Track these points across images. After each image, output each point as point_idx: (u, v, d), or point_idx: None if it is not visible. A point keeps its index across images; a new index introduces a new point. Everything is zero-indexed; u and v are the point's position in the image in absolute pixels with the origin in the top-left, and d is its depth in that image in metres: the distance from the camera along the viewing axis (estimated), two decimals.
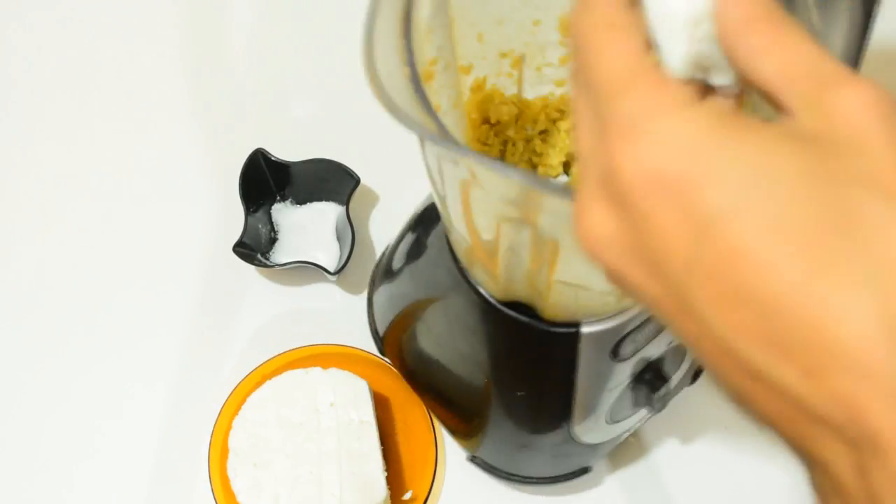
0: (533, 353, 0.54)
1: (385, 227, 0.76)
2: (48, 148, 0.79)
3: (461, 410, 0.64)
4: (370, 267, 0.74)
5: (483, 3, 0.47)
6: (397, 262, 0.66)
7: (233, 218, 0.73)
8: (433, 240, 0.57)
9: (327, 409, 0.64)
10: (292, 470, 0.62)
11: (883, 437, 0.22)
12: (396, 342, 0.68)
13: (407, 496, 0.66)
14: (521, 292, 0.50)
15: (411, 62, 0.36)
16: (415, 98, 0.36)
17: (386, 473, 0.63)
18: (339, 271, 0.69)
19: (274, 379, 0.66)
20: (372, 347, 0.70)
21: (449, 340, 0.60)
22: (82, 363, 0.71)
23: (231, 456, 0.63)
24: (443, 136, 0.35)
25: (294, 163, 0.73)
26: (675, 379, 0.58)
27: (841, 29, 0.33)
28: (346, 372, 0.66)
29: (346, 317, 0.73)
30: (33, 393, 0.70)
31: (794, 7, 0.35)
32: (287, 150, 0.73)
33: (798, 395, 0.24)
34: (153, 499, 0.67)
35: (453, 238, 0.52)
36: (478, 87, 0.52)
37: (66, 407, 0.70)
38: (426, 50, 0.43)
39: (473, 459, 0.66)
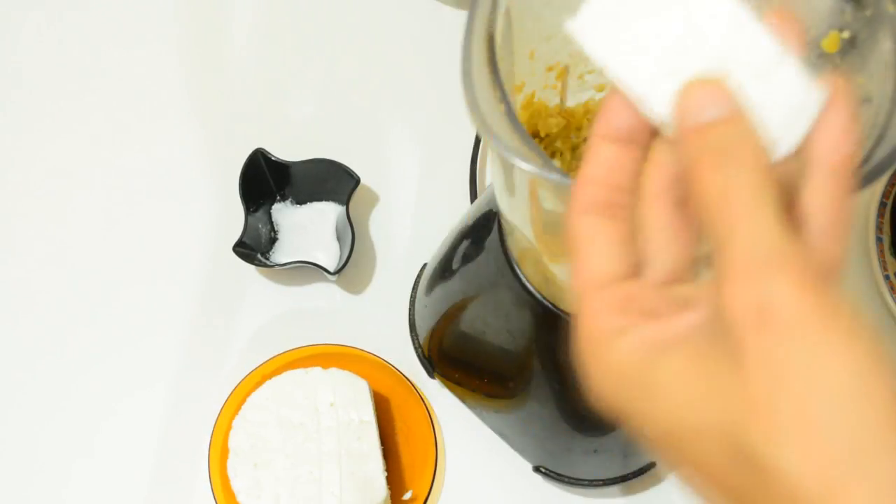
0: None
1: (385, 227, 0.76)
2: (48, 148, 0.79)
3: (525, 424, 0.64)
4: (370, 267, 0.74)
5: (536, 21, 0.47)
6: (444, 279, 0.64)
7: (233, 218, 0.73)
8: (490, 256, 0.56)
9: (327, 409, 0.64)
10: (292, 470, 0.62)
11: None
12: (449, 362, 0.67)
13: (407, 496, 0.66)
14: None
15: (504, 98, 0.37)
16: (515, 133, 0.36)
17: (386, 473, 0.63)
18: (339, 271, 0.69)
19: (274, 379, 0.66)
20: (371, 347, 0.71)
21: (510, 359, 0.60)
22: (82, 363, 0.71)
23: (231, 456, 0.63)
24: (557, 170, 0.35)
25: (294, 163, 0.73)
26: None
27: None
28: (346, 372, 0.66)
29: (346, 317, 0.73)
30: (33, 393, 0.70)
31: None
32: (287, 150, 0.73)
33: None
34: (153, 499, 0.67)
35: (522, 256, 0.52)
36: (527, 103, 0.52)
37: (65, 406, 0.70)
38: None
39: (538, 470, 0.65)
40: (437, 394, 0.70)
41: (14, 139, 0.80)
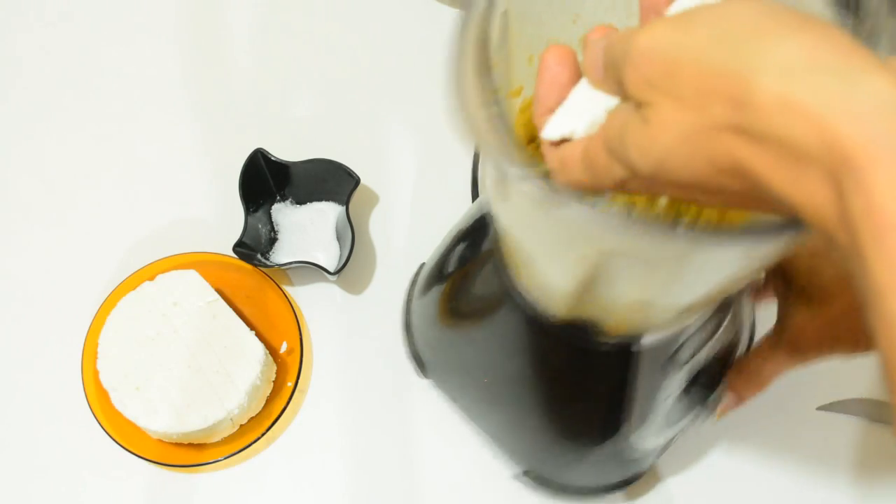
0: (592, 368, 0.54)
1: (385, 227, 0.76)
2: (48, 147, 0.79)
3: (514, 429, 0.63)
4: (370, 267, 0.74)
5: (537, 26, 0.47)
6: (440, 280, 0.64)
7: (233, 218, 0.73)
8: (485, 259, 0.56)
9: (172, 309, 0.67)
10: (171, 374, 0.65)
11: (856, 156, 0.26)
12: (440, 365, 0.67)
13: (283, 349, 0.70)
14: (589, 313, 0.50)
15: (497, 101, 0.37)
16: (505, 138, 0.36)
17: (253, 332, 0.67)
18: (338, 271, 0.69)
19: (112, 313, 0.68)
20: (371, 346, 0.71)
21: (500, 363, 0.59)
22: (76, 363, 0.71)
23: (112, 393, 0.65)
24: (543, 175, 0.35)
25: (294, 163, 0.73)
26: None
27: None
28: (170, 272, 0.69)
29: (346, 316, 0.73)
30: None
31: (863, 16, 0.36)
32: (287, 150, 0.73)
33: (780, 136, 0.27)
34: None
35: (516, 261, 0.51)
36: (526, 107, 0.52)
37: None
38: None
39: (526, 474, 0.65)
40: (428, 395, 0.70)
41: (14, 139, 0.80)
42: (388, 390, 0.70)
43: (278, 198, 0.75)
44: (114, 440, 0.66)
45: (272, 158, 0.73)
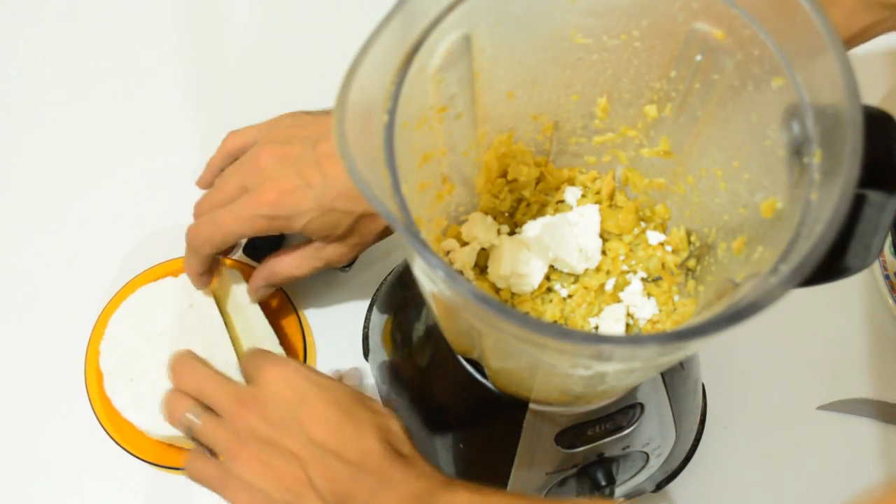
0: (482, 410, 0.53)
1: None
2: (47, 147, 0.79)
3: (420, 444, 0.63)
4: (372, 267, 0.74)
5: (517, 64, 0.46)
6: (392, 294, 0.65)
7: None
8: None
9: (188, 311, 0.66)
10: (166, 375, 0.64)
11: None
12: (376, 354, 0.68)
13: (286, 351, 0.69)
14: (483, 364, 0.49)
15: (392, 110, 0.36)
16: (382, 146, 0.36)
17: (272, 333, 0.67)
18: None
19: (129, 298, 0.67)
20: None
21: (417, 380, 0.59)
22: (76, 359, 0.71)
23: (105, 377, 0.65)
24: (393, 192, 0.34)
25: None
26: (631, 483, 0.57)
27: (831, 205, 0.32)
28: (168, 277, 0.67)
29: (345, 316, 0.73)
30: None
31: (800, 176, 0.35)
32: None
33: None
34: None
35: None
36: (503, 141, 0.50)
37: None
38: (434, 97, 0.43)
39: None
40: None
41: (13, 139, 0.80)
42: None
43: None
44: (115, 441, 0.66)
45: None
